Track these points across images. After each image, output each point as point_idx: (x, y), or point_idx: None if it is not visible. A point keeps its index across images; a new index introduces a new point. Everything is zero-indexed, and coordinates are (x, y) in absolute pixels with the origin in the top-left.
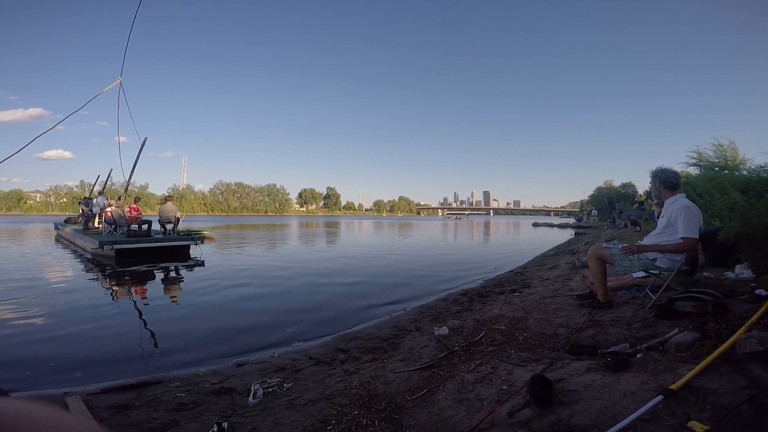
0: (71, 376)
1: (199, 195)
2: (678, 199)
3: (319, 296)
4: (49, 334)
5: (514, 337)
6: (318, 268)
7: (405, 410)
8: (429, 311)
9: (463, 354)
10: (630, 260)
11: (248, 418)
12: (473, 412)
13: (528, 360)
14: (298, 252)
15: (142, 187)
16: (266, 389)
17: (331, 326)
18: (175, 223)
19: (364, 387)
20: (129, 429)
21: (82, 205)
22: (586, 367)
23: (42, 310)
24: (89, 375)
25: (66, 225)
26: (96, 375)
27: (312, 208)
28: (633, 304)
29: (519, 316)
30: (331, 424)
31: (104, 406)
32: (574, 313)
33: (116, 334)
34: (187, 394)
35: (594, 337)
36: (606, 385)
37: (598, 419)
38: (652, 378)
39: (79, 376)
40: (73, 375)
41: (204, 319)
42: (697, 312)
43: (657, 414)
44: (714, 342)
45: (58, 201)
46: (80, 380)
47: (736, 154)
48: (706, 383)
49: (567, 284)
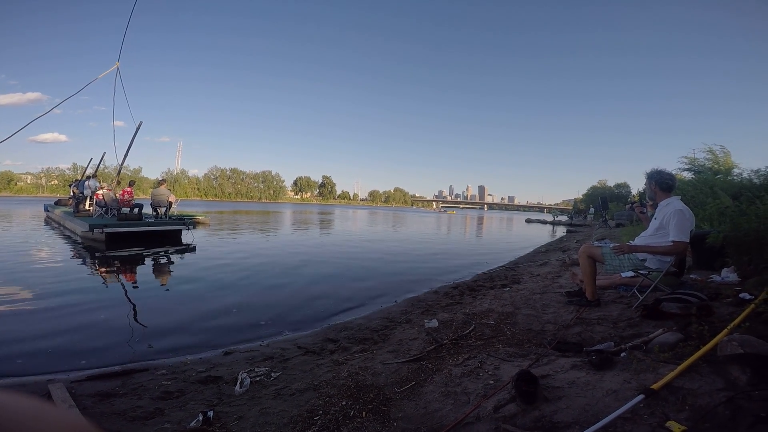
0: (55, 362)
1: (194, 180)
2: (672, 202)
3: (309, 285)
4: (33, 320)
5: (503, 331)
6: (308, 256)
7: (393, 402)
8: (420, 303)
9: (452, 347)
10: (620, 260)
11: (234, 407)
12: (459, 406)
13: (515, 355)
14: (291, 240)
15: (135, 171)
16: (254, 378)
17: (321, 316)
18: (168, 207)
19: (352, 378)
20: (112, 418)
21: (74, 187)
22: (571, 364)
23: (26, 295)
24: (74, 362)
25: (56, 207)
26: (81, 362)
27: (307, 196)
28: (620, 303)
29: (508, 311)
30: (318, 415)
31: (88, 394)
32: (562, 310)
33: (103, 320)
34: (173, 383)
35: (580, 334)
36: (589, 383)
37: (581, 416)
38: (634, 377)
39: (64, 362)
40: (57, 361)
41: (193, 306)
42: (682, 313)
43: (637, 413)
44: (696, 343)
45: (49, 183)
46: (64, 367)
47: (729, 160)
48: (686, 384)
49: (557, 281)
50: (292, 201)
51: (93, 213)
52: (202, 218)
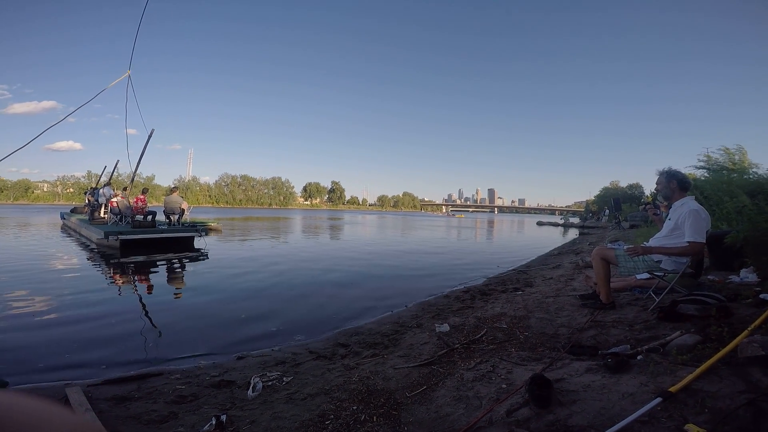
0: (73, 367)
1: (205, 187)
2: (687, 202)
3: (321, 290)
4: (51, 325)
5: (515, 335)
6: (319, 262)
7: (404, 406)
8: (430, 308)
9: (464, 351)
10: (634, 261)
11: (247, 412)
12: (472, 410)
13: (528, 359)
14: (302, 246)
15: (148, 179)
16: (266, 383)
17: (332, 321)
18: (180, 214)
19: (363, 382)
20: (128, 421)
21: (89, 195)
22: (586, 368)
23: (45, 301)
24: (91, 366)
25: (72, 215)
26: (98, 366)
27: (316, 202)
28: (635, 305)
29: (521, 315)
30: (330, 419)
31: (104, 397)
32: (576, 314)
33: (118, 325)
34: (187, 387)
35: (595, 337)
36: (605, 386)
37: (596, 420)
38: (651, 380)
39: (81, 367)
40: (74, 366)
41: (206, 311)
42: (700, 315)
43: (655, 416)
44: (716, 345)
45: (65, 191)
46: (82, 371)
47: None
48: (705, 386)
49: (570, 284)
50: (301, 207)
51: (108, 220)
52: (214, 225)
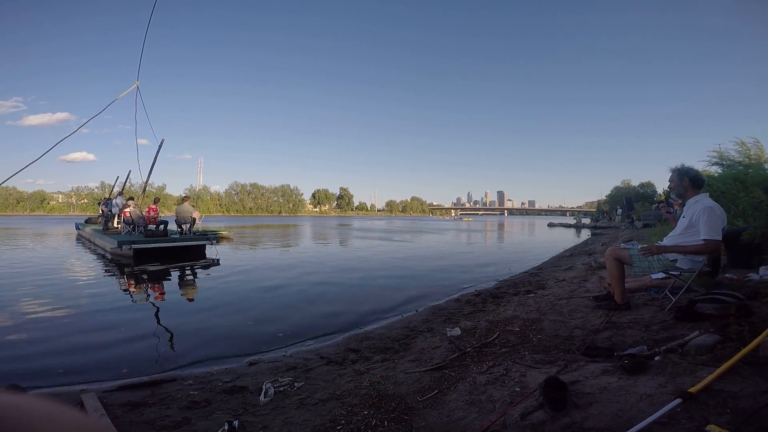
0: (88, 372)
1: (215, 196)
2: (701, 199)
3: (331, 296)
4: (67, 332)
5: (528, 338)
6: (330, 267)
7: (415, 411)
8: (441, 312)
9: (476, 355)
10: (649, 261)
11: (259, 417)
12: (485, 414)
13: (542, 362)
14: (312, 252)
15: (159, 188)
16: (277, 388)
17: (343, 326)
18: (192, 223)
19: (374, 387)
20: (141, 426)
21: (102, 205)
22: (602, 370)
23: (61, 309)
24: (106, 372)
25: (86, 225)
26: (112, 372)
27: (325, 208)
28: (651, 305)
29: (533, 317)
30: (341, 424)
31: (119, 403)
32: (590, 315)
33: (133, 331)
34: (199, 392)
35: (610, 338)
36: (622, 388)
37: (613, 422)
38: (670, 381)
39: (96, 373)
40: (90, 372)
41: (218, 318)
42: (718, 314)
43: (674, 417)
44: (736, 345)
45: (79, 202)
46: (97, 377)
47: (761, 152)
48: (727, 386)
49: (583, 285)
50: (311, 214)
51: (121, 230)
52: (225, 233)
